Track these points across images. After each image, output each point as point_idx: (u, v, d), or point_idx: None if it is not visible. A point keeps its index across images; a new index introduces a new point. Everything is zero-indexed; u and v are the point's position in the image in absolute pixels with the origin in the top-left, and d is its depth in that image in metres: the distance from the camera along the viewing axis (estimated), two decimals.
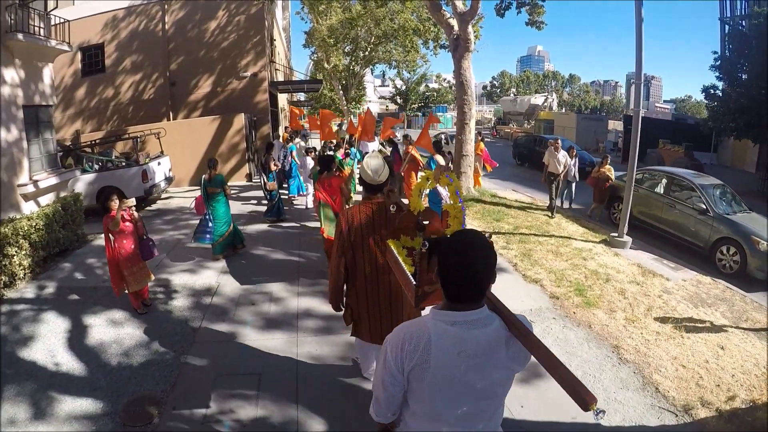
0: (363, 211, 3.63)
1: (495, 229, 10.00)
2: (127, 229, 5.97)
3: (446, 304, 1.83)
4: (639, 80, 8.85)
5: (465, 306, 1.77)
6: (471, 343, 1.74)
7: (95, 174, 12.40)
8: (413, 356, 1.77)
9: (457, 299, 1.78)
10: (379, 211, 3.61)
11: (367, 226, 3.60)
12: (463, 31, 12.38)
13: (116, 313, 6.20)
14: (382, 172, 3.62)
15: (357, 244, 3.62)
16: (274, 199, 10.95)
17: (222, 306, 6.42)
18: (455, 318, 1.76)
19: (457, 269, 1.73)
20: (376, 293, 3.75)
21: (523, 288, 7.10)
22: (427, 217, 3.11)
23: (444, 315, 1.79)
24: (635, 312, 6.43)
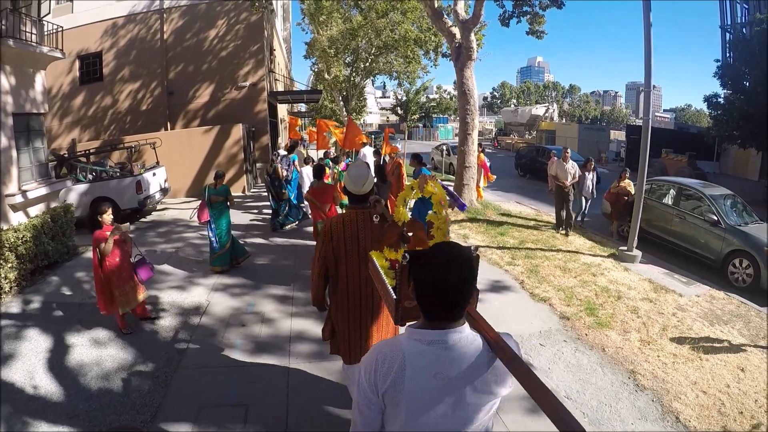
0: (347, 220, 3.47)
1: (499, 244, 9.66)
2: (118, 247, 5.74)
3: (423, 321, 1.70)
4: (648, 88, 8.55)
5: (443, 324, 1.64)
6: (449, 364, 1.61)
7: (88, 184, 12.06)
8: (387, 378, 1.63)
9: (433, 317, 1.66)
10: (363, 221, 3.45)
11: (351, 236, 3.44)
12: (466, 39, 12.09)
13: (99, 332, 5.87)
14: (366, 181, 3.49)
15: (339, 254, 3.46)
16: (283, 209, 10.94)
17: (210, 327, 6.05)
18: (432, 337, 1.63)
19: (431, 286, 1.62)
20: (358, 306, 3.55)
21: (532, 308, 6.74)
22: (413, 228, 3.02)
23: (420, 333, 1.66)
24: (650, 332, 6.10)
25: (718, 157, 27.87)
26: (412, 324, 1.77)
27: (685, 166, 23.62)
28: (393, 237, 3.09)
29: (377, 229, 3.40)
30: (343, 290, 3.53)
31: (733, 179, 24.87)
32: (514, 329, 5.89)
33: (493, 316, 6.29)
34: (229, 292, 7.14)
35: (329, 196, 7.36)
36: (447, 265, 1.62)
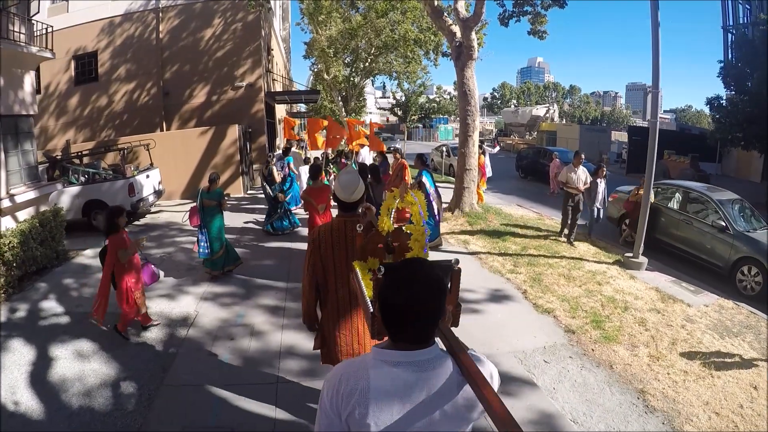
0: (335, 229, 3.33)
1: (501, 250, 9.37)
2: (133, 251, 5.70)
3: (390, 343, 1.61)
4: (656, 89, 8.25)
5: (410, 345, 1.55)
6: (416, 388, 1.51)
7: (81, 187, 11.81)
8: (349, 400, 1.53)
9: (397, 339, 1.58)
10: (353, 230, 3.26)
11: (339, 245, 3.30)
12: (466, 38, 11.75)
13: (84, 345, 5.62)
14: (356, 189, 3.37)
15: (328, 264, 3.32)
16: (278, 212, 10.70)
17: (198, 340, 5.76)
18: (398, 358, 1.54)
19: (395, 308, 1.54)
20: (349, 317, 3.41)
21: (535, 320, 6.43)
22: (397, 238, 2.86)
23: (386, 354, 1.57)
24: (659, 347, 5.81)
25: (720, 159, 27.59)
26: (378, 344, 1.67)
27: (687, 167, 23.32)
28: (377, 246, 2.94)
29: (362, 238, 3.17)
30: (333, 301, 3.39)
31: (735, 181, 24.62)
32: (517, 344, 5.64)
33: (495, 329, 6.03)
34: (218, 302, 6.86)
35: (325, 197, 7.10)
36: (413, 287, 1.53)
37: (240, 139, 16.20)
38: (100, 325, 5.86)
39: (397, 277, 1.58)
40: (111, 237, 5.46)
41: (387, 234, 2.91)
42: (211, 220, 7.81)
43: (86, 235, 11.02)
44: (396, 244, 2.90)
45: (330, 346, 3.52)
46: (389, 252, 2.89)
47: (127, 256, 5.50)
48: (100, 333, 5.85)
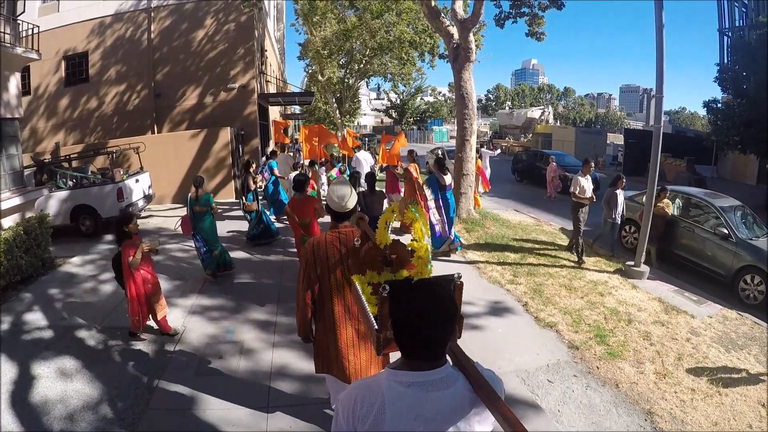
0: (329, 240, 3.32)
1: (500, 259, 9.11)
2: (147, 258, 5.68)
3: (403, 362, 1.63)
4: (660, 93, 8.03)
5: (423, 365, 1.58)
6: (429, 407, 1.54)
7: (69, 191, 11.47)
8: (366, 420, 1.57)
9: (412, 358, 1.60)
10: (347, 241, 3.31)
11: (334, 257, 3.30)
12: (464, 40, 11.47)
13: (67, 362, 5.35)
14: (348, 199, 3.39)
15: (323, 276, 3.32)
16: (253, 220, 10.18)
17: (185, 359, 5.47)
18: (411, 378, 1.57)
19: (409, 327, 1.57)
20: (344, 329, 3.40)
21: (537, 335, 6.19)
22: (395, 250, 2.93)
23: (399, 375, 1.59)
24: (665, 363, 5.61)
25: (715, 162, 27.51)
26: (392, 365, 1.68)
27: (684, 170, 23.25)
28: (375, 260, 3.00)
29: (359, 252, 3.24)
30: (328, 314, 3.38)
31: (731, 184, 24.51)
32: (519, 362, 5.40)
33: (496, 345, 5.79)
34: (207, 316, 6.58)
35: (311, 209, 6.72)
36: (427, 308, 1.56)
37: (232, 141, 15.91)
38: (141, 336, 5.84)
39: (412, 298, 1.60)
40: (123, 244, 5.43)
41: (385, 247, 2.93)
42: (204, 225, 7.78)
43: (74, 241, 10.78)
44: (394, 256, 2.93)
45: (326, 357, 3.50)
46: (387, 265, 2.93)
47: (136, 264, 5.39)
48: (82, 349, 5.62)
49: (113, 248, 10.24)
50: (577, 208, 9.69)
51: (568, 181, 18.99)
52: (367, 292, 2.69)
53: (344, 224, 3.39)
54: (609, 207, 9.93)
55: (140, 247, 5.45)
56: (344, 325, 3.40)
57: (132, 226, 5.47)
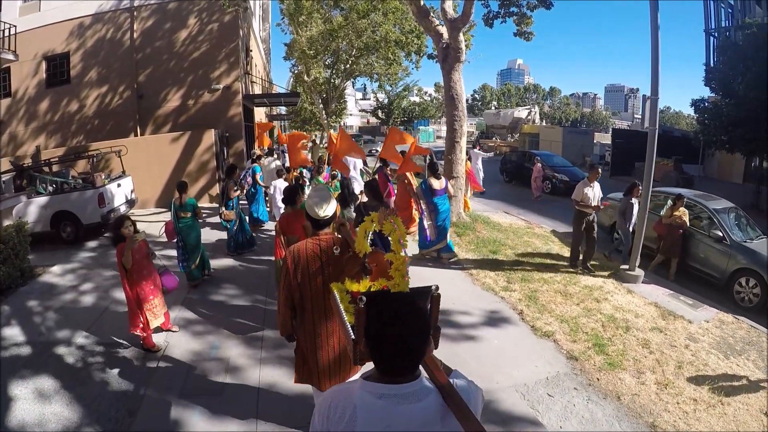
0: (310, 248, 3.32)
1: (493, 265, 8.89)
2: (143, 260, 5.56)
3: (376, 373, 1.65)
4: (656, 95, 7.89)
5: (396, 378, 1.59)
6: (400, 420, 1.55)
7: (48, 197, 11.11)
8: (338, 426, 1.61)
9: (385, 372, 1.61)
10: (327, 248, 3.32)
11: (314, 265, 3.29)
12: (454, 40, 11.21)
13: (45, 382, 5.08)
14: (327, 207, 3.36)
15: (304, 284, 3.30)
16: (232, 230, 9.72)
17: (168, 377, 5.19)
18: (383, 390, 1.59)
19: (384, 342, 1.58)
20: (325, 336, 3.39)
21: (535, 346, 5.97)
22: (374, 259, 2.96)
23: (371, 386, 1.61)
24: (666, 372, 5.46)
25: (702, 161, 27.64)
26: (365, 374, 1.71)
27: (671, 170, 23.31)
28: (354, 268, 3.02)
29: (339, 260, 3.27)
30: (308, 321, 3.36)
31: (717, 183, 24.72)
32: (518, 376, 5.20)
33: (493, 359, 5.56)
34: (190, 330, 6.28)
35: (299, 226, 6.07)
36: (404, 321, 1.57)
37: (216, 144, 15.57)
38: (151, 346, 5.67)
39: (387, 313, 1.59)
40: (118, 246, 5.33)
41: (364, 255, 2.94)
42: (188, 231, 7.67)
43: (55, 248, 10.50)
44: (373, 265, 2.96)
45: (308, 364, 3.48)
46: (366, 273, 2.95)
47: (129, 261, 5.21)
48: (61, 367, 5.36)
49: (95, 255, 10.02)
50: (579, 217, 8.97)
51: (558, 182, 19.00)
52: (345, 300, 2.65)
53: (324, 231, 3.41)
54: (624, 217, 9.40)
55: (127, 242, 5.25)
56: (324, 332, 3.38)
57: (124, 229, 5.33)
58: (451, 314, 6.64)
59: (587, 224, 8.92)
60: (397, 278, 2.63)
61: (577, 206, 8.94)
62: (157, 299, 5.63)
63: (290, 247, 3.42)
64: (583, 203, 8.85)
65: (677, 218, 9.27)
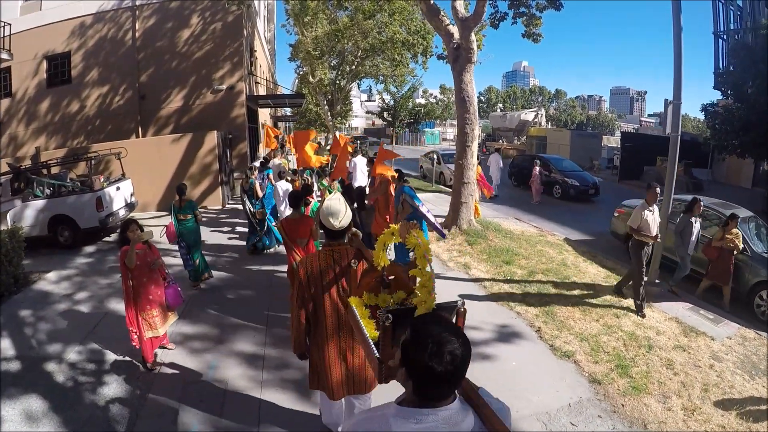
0: (323, 259, 3.27)
1: (506, 276, 8.51)
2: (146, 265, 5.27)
3: (411, 397, 1.58)
4: (678, 100, 7.50)
5: (433, 402, 1.53)
6: None
7: (45, 200, 10.81)
8: None
9: (427, 398, 1.54)
10: (341, 259, 3.26)
11: (328, 275, 3.25)
12: (465, 40, 10.81)
13: (34, 402, 4.77)
14: (343, 216, 3.26)
15: (317, 295, 3.26)
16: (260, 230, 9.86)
17: (162, 400, 4.82)
18: (421, 415, 1.52)
19: (433, 375, 1.47)
20: (338, 348, 3.36)
21: (555, 367, 5.59)
22: (393, 272, 2.86)
23: (408, 412, 1.54)
24: (692, 396, 5.13)
25: (711, 165, 27.24)
26: (398, 399, 1.66)
27: (681, 174, 22.86)
28: (371, 281, 2.91)
29: (354, 271, 3.20)
30: (321, 335, 3.33)
31: (726, 187, 24.45)
32: (539, 403, 4.83)
33: (511, 382, 5.18)
34: (187, 346, 5.92)
35: (306, 230, 5.90)
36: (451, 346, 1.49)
37: (219, 146, 15.22)
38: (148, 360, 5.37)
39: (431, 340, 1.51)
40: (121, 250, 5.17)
41: (382, 268, 2.84)
42: (189, 233, 7.76)
43: (52, 252, 10.24)
44: (391, 278, 2.85)
45: (320, 375, 3.44)
46: (385, 287, 2.86)
47: (132, 260, 5.02)
48: (51, 386, 5.04)
49: (92, 261, 9.71)
50: (638, 247, 7.58)
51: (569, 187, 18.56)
52: (365, 315, 2.65)
53: (338, 242, 3.33)
54: (682, 239, 8.23)
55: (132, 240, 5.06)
56: (337, 346, 3.35)
57: (131, 233, 5.13)
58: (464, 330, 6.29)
59: (647, 256, 7.68)
60: (423, 295, 2.46)
61: (636, 235, 7.57)
62: (156, 310, 5.31)
63: (303, 258, 3.37)
64: (643, 232, 7.46)
65: (729, 241, 8.08)
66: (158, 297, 5.35)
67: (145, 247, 5.27)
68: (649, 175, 24.89)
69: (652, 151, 25.76)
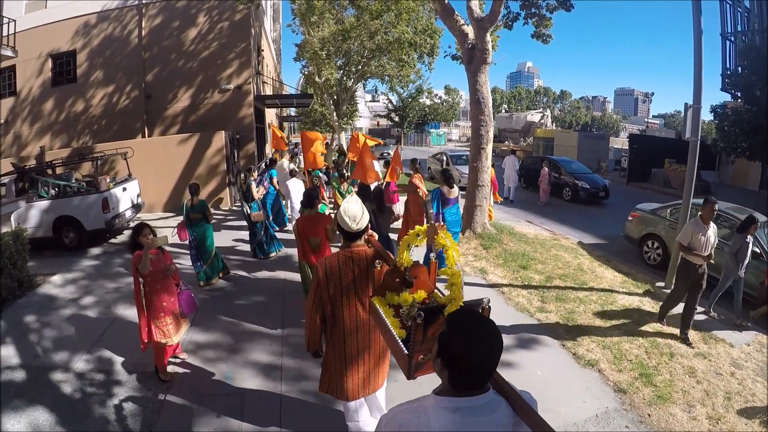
0: (342, 260, 3.27)
1: (524, 281, 8.34)
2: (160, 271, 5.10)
3: (447, 387, 1.65)
4: (698, 104, 7.31)
5: (469, 393, 1.60)
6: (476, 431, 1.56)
7: (50, 201, 10.64)
8: None
9: (464, 389, 1.61)
10: (359, 261, 3.27)
11: (347, 277, 3.25)
12: (480, 40, 10.57)
13: (40, 415, 4.61)
14: (360, 218, 3.28)
15: (336, 297, 3.25)
16: (259, 232, 9.58)
17: (175, 415, 4.61)
18: (458, 404, 1.59)
19: (470, 363, 1.57)
20: (355, 350, 3.36)
21: (579, 376, 5.42)
22: (415, 272, 2.90)
23: (446, 401, 1.61)
24: (715, 405, 5.02)
25: (718, 167, 27.00)
26: (436, 389, 1.72)
27: None
28: (393, 281, 2.96)
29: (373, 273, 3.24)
30: (339, 335, 3.33)
31: (733, 190, 24.35)
32: (566, 414, 4.70)
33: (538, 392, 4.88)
34: (201, 356, 5.74)
35: (321, 229, 5.81)
36: (488, 340, 1.58)
37: (227, 146, 15.09)
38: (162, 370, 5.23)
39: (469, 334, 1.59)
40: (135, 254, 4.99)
41: (405, 269, 2.90)
42: (200, 233, 7.85)
43: (57, 255, 10.08)
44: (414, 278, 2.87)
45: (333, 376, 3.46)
46: (407, 286, 2.89)
47: (146, 267, 4.84)
48: (57, 398, 4.86)
49: (98, 264, 9.55)
50: (686, 268, 6.75)
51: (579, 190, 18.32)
52: (389, 314, 2.72)
53: (356, 243, 3.32)
54: (737, 259, 7.24)
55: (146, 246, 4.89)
56: (356, 346, 3.36)
57: (142, 238, 4.99)
58: None
59: (695, 278, 6.68)
60: (454, 292, 2.59)
61: (685, 254, 6.76)
62: (170, 318, 5.12)
63: (322, 259, 3.34)
64: (694, 252, 6.62)
65: None
66: (171, 304, 5.17)
67: (158, 252, 5.12)
68: (657, 177, 24.72)
69: (659, 153, 25.59)
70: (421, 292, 2.80)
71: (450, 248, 2.73)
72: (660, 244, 10.34)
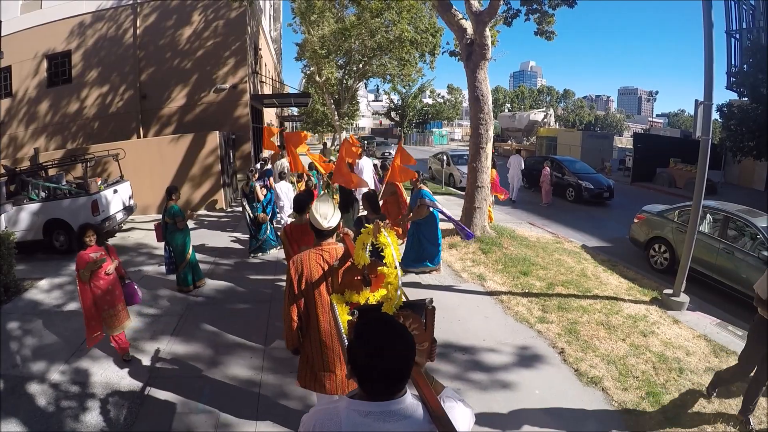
0: (313, 258, 3.35)
1: (524, 288, 7.96)
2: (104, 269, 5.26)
3: (361, 393, 1.65)
4: (709, 101, 6.94)
5: (382, 397, 1.59)
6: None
7: (40, 204, 10.47)
8: None
9: (373, 394, 1.61)
10: (329, 258, 3.35)
11: (318, 274, 3.32)
12: (479, 35, 10.23)
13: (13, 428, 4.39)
14: (331, 217, 3.33)
15: (308, 294, 3.33)
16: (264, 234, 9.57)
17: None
18: (369, 408, 1.59)
19: (368, 367, 1.57)
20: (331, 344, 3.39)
21: (581, 396, 5.05)
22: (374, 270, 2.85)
23: (357, 404, 1.62)
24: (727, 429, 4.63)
25: (723, 166, 26.62)
26: (351, 393, 1.73)
27: (694, 176, 22.25)
28: (353, 279, 3.03)
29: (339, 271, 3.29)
30: (315, 329, 3.40)
31: (739, 189, 23.99)
32: None
33: (536, 415, 4.67)
34: (177, 371, 5.41)
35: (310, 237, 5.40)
36: (387, 354, 1.55)
37: (221, 147, 14.79)
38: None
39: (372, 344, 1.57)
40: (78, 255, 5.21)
41: (363, 267, 2.93)
42: (172, 236, 7.68)
43: (48, 257, 9.96)
44: (373, 276, 2.86)
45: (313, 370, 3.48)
46: (367, 284, 2.92)
47: (85, 277, 5.10)
48: (32, 410, 4.69)
49: None
50: (761, 328, 4.70)
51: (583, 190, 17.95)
52: (344, 312, 2.76)
53: (327, 241, 3.39)
54: None
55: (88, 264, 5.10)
56: (330, 340, 3.39)
57: (86, 239, 5.18)
58: (481, 353, 5.79)
59: None
60: (390, 292, 2.56)
61: (763, 311, 4.68)
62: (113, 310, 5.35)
63: (293, 257, 3.40)
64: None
65: None
66: (115, 297, 5.38)
67: (101, 249, 5.30)
68: (662, 176, 24.36)
69: (664, 153, 25.23)
70: (382, 290, 2.75)
71: (389, 246, 2.72)
72: (667, 248, 10.00)
